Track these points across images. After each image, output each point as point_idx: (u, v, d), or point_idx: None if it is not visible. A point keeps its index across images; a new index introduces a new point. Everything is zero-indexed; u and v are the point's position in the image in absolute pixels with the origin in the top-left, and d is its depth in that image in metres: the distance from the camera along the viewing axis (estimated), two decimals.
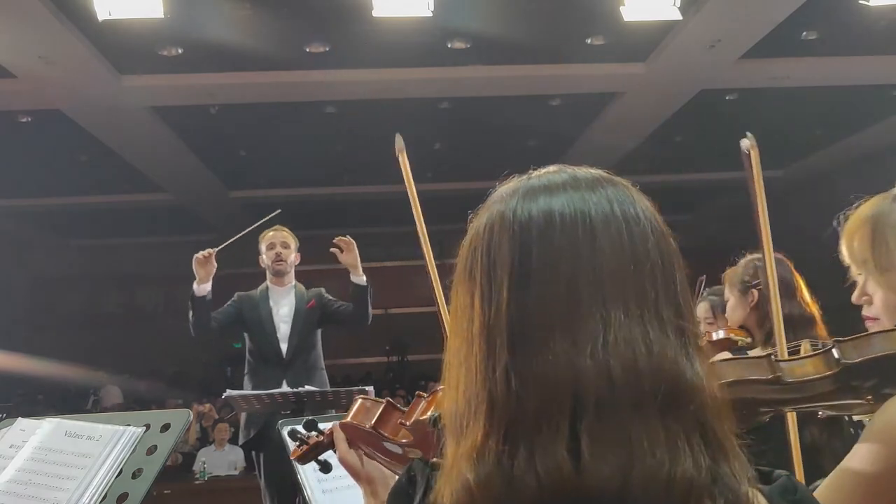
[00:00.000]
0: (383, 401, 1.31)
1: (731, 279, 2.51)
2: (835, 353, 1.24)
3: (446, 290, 0.88)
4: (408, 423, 1.24)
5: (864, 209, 1.30)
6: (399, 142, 1.83)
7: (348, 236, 3.96)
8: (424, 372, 11.94)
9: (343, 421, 1.33)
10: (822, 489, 1.16)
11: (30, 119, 8.13)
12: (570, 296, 0.71)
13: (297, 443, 1.51)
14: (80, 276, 13.72)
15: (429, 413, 1.19)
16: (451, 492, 0.70)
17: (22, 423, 1.50)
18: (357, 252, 3.93)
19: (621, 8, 5.79)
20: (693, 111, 8.59)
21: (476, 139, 9.49)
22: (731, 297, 2.50)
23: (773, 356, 1.32)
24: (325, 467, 1.54)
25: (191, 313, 3.91)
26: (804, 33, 6.96)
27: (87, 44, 6.37)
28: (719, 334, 2.67)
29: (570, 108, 8.51)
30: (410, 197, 1.76)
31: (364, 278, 3.97)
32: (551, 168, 0.82)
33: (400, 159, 1.75)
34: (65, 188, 10.65)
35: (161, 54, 6.74)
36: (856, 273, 1.32)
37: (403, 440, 1.26)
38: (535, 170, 0.83)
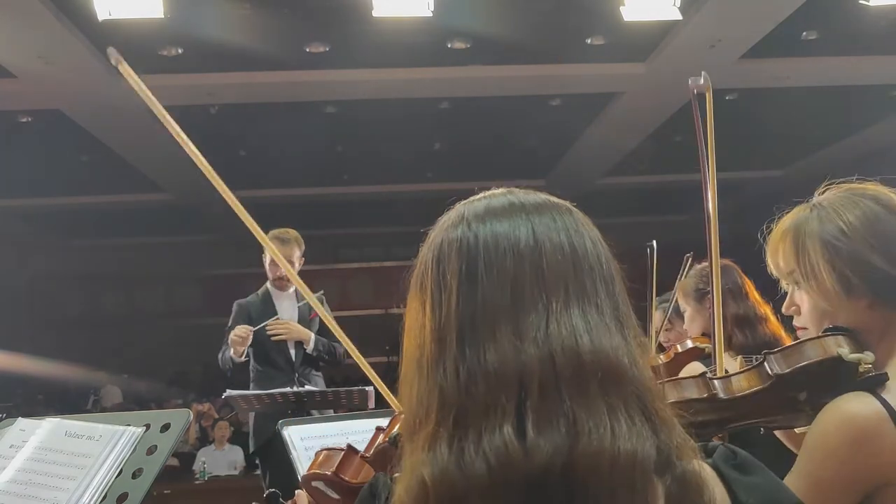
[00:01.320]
0: (343, 448, 1.30)
1: (684, 290, 2.53)
2: (766, 365, 1.26)
3: None
4: (369, 454, 1.23)
5: (785, 221, 1.33)
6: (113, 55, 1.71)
7: (281, 322, 3.95)
8: None
9: (305, 472, 1.31)
10: None
11: (30, 119, 8.13)
12: (514, 289, 0.75)
13: None
14: (80, 276, 13.71)
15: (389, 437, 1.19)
16: (405, 484, 0.72)
17: (22, 423, 1.50)
18: (295, 329, 3.95)
19: (621, 8, 5.79)
20: (693, 111, 8.59)
21: (476, 139, 9.49)
22: (687, 307, 2.53)
23: (707, 374, 1.34)
24: None
25: (228, 371, 3.94)
26: (804, 33, 6.97)
27: (87, 44, 6.37)
28: (686, 345, 2.69)
29: (570, 108, 8.51)
30: None
31: (312, 345, 3.99)
32: (497, 191, 0.85)
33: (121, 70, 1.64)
34: (65, 188, 10.65)
35: (161, 54, 6.74)
36: (785, 285, 1.35)
37: (366, 481, 1.25)
38: (478, 192, 0.87)
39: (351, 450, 1.28)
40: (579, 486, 0.68)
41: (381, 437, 1.24)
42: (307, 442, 1.95)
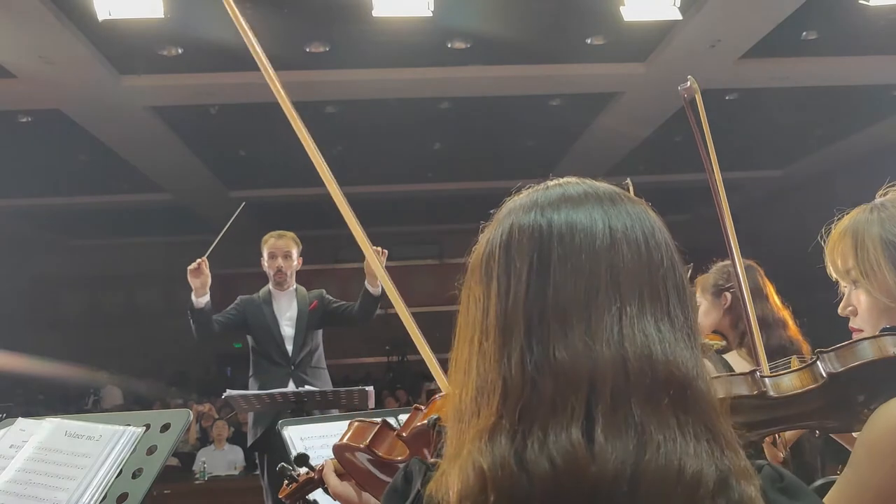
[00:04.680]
0: (378, 420, 1.28)
1: (702, 285, 2.58)
2: (819, 364, 1.23)
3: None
4: (405, 433, 1.21)
5: (844, 222, 1.33)
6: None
7: (384, 249, 3.85)
8: (424, 372, 11.91)
9: (337, 443, 1.29)
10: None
11: (30, 119, 8.13)
12: (589, 288, 0.72)
13: (287, 481, 1.46)
14: (80, 276, 13.71)
15: (427, 419, 1.17)
16: (459, 475, 0.69)
17: (22, 423, 1.50)
18: (384, 263, 3.89)
19: (621, 8, 5.78)
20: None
21: (476, 139, 9.49)
22: (702, 301, 2.56)
23: (757, 372, 1.30)
24: None
25: (192, 324, 3.91)
26: (804, 33, 6.96)
27: (87, 44, 6.37)
28: None
29: (570, 108, 8.51)
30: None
31: (380, 290, 3.97)
32: (570, 179, 0.83)
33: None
34: (65, 188, 10.65)
35: (161, 54, 6.73)
36: (843, 286, 1.35)
37: (398, 458, 1.21)
38: (551, 179, 0.83)
39: (385, 424, 1.26)
40: (643, 499, 0.66)
41: (419, 418, 1.21)
42: (307, 442, 1.95)
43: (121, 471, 1.34)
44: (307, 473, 1.43)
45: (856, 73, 7.78)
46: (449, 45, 6.89)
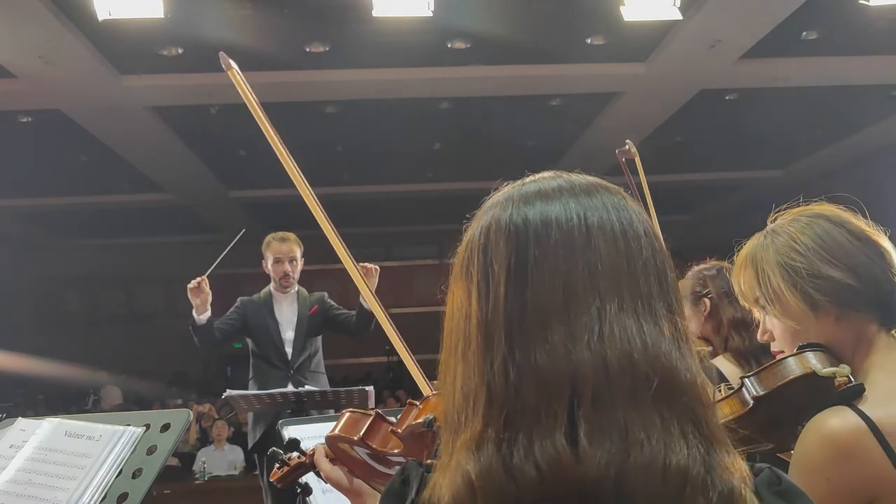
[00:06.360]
0: (372, 412, 1.27)
1: (681, 291, 2.55)
2: (745, 389, 1.27)
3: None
4: (400, 430, 1.20)
5: (744, 252, 1.37)
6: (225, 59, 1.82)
7: (375, 266, 3.83)
8: (425, 372, 11.91)
9: (330, 433, 1.29)
10: None
11: (30, 119, 8.13)
12: (567, 289, 0.72)
13: (278, 465, 1.46)
14: (80, 276, 13.71)
15: (422, 418, 1.16)
16: (450, 484, 0.70)
17: (22, 423, 1.50)
18: (376, 281, 3.84)
19: (621, 8, 5.78)
20: (693, 111, 8.59)
21: (476, 139, 9.49)
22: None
23: None
24: (306, 490, 1.50)
25: (195, 337, 3.91)
26: (804, 33, 6.96)
27: (87, 44, 6.37)
28: None
29: (570, 108, 8.51)
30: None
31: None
32: (546, 174, 0.82)
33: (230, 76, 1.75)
34: (65, 188, 10.65)
35: (161, 54, 6.73)
36: (756, 314, 1.38)
37: (394, 450, 1.21)
38: (528, 175, 0.83)
39: (379, 417, 1.26)
40: (629, 499, 0.67)
41: (413, 414, 1.20)
42: (307, 442, 1.94)
43: (121, 471, 1.34)
44: (298, 457, 1.43)
45: (856, 73, 7.78)
46: (449, 45, 6.89)
